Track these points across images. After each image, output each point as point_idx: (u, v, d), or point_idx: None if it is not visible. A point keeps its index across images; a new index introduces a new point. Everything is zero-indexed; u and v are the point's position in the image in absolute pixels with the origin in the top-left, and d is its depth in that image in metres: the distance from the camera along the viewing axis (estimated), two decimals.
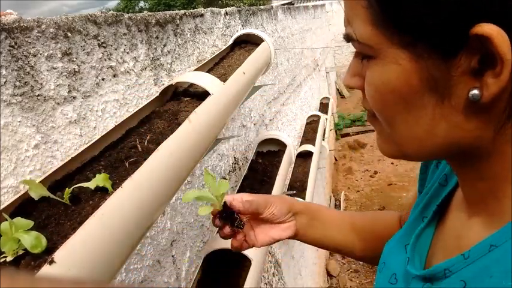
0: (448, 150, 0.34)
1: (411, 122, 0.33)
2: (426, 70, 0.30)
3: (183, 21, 1.13)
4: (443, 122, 0.32)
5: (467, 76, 0.29)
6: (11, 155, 0.57)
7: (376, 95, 0.34)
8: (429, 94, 0.31)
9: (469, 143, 0.32)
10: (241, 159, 1.58)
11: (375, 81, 0.34)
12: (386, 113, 0.35)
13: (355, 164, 5.38)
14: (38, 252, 0.44)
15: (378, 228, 0.64)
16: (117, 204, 0.52)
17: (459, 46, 0.28)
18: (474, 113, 0.30)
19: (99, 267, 0.47)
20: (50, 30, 0.64)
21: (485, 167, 0.34)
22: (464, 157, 0.35)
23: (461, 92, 0.30)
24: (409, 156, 0.37)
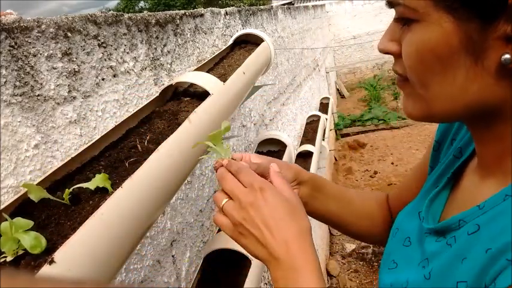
0: (475, 111, 0.37)
1: (446, 81, 0.36)
2: (466, 33, 0.33)
3: (183, 21, 1.13)
4: (475, 83, 0.35)
5: (502, 42, 0.32)
6: (11, 155, 0.57)
7: (416, 55, 0.37)
8: (465, 56, 0.34)
9: (494, 104, 0.35)
10: None
11: (417, 42, 0.36)
12: (423, 72, 0.37)
13: (355, 164, 5.38)
14: (38, 252, 0.44)
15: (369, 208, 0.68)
16: (117, 204, 0.52)
17: (499, 13, 0.31)
18: (503, 77, 0.33)
19: (99, 267, 0.47)
20: (50, 30, 0.64)
21: (503, 128, 0.37)
22: (487, 118, 0.37)
23: (495, 55, 0.33)
24: (436, 116, 0.39)
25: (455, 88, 0.36)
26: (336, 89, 7.49)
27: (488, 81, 0.34)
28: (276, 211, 0.47)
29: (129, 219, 0.53)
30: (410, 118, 0.42)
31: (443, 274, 0.38)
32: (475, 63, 0.34)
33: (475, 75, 0.34)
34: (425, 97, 0.38)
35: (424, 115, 0.40)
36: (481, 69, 0.34)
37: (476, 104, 0.36)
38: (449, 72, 0.35)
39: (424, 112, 0.40)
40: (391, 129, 5.98)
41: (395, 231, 0.55)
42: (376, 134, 6.03)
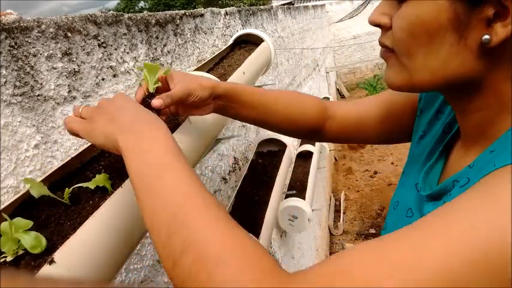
0: (454, 83, 0.41)
1: (431, 54, 0.40)
2: (455, 12, 0.37)
3: (183, 21, 1.13)
4: (457, 58, 0.39)
5: (483, 23, 0.36)
6: (11, 155, 0.57)
7: (408, 27, 0.40)
8: (451, 32, 0.38)
9: (473, 79, 0.40)
10: (241, 159, 1.58)
11: (410, 15, 0.40)
12: (412, 45, 0.41)
13: (355, 164, 5.38)
14: (38, 252, 0.44)
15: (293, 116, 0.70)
16: (117, 204, 0.52)
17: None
18: (481, 54, 0.38)
19: (99, 267, 0.47)
20: (50, 30, 0.64)
21: (482, 99, 0.41)
22: (466, 91, 0.42)
23: (477, 35, 0.37)
24: (416, 86, 0.43)
25: (438, 61, 0.40)
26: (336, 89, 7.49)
27: (469, 57, 0.38)
28: (128, 103, 0.50)
29: (129, 219, 0.53)
30: (391, 88, 0.46)
31: None
32: (459, 40, 0.38)
33: (458, 51, 0.38)
34: (409, 67, 0.42)
35: (405, 85, 0.44)
36: (463, 46, 0.38)
37: (455, 77, 0.40)
38: (434, 46, 0.39)
39: (405, 82, 0.43)
40: None
41: (396, 203, 0.58)
42: None
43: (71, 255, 0.44)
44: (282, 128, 0.72)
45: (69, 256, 0.44)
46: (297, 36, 3.12)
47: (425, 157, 0.55)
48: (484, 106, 0.42)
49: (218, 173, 1.32)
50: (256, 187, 1.46)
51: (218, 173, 1.32)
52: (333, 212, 4.23)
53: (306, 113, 0.70)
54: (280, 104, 0.69)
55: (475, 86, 0.41)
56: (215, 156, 1.30)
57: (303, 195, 1.87)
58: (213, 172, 1.27)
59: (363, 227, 4.05)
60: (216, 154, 1.31)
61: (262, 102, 0.67)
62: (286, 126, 0.71)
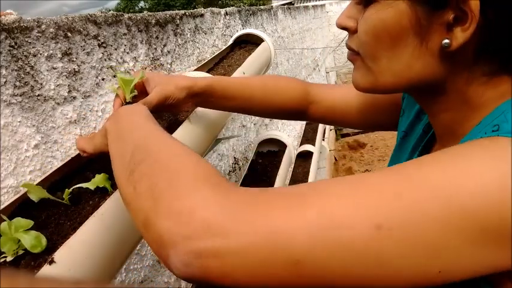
0: (418, 86, 0.42)
1: (394, 57, 0.41)
2: (416, 16, 0.38)
3: (183, 21, 1.13)
4: (419, 61, 0.40)
5: (444, 28, 0.37)
6: (11, 155, 0.57)
7: (371, 31, 0.41)
8: (413, 36, 0.39)
9: (436, 81, 0.41)
10: (241, 159, 1.58)
11: (373, 19, 0.41)
12: (375, 47, 0.42)
13: (355, 164, 5.38)
14: (38, 252, 0.44)
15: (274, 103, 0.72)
16: (117, 204, 0.52)
17: (445, 3, 0.36)
18: (443, 58, 0.39)
19: (99, 267, 0.47)
20: (50, 30, 0.64)
21: (447, 101, 0.42)
22: (431, 93, 0.43)
23: (437, 39, 0.38)
24: (380, 88, 0.44)
25: (401, 64, 0.41)
26: None
27: (431, 61, 0.39)
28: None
29: (129, 219, 0.53)
30: (357, 89, 0.47)
31: None
32: (421, 44, 0.39)
33: (420, 55, 0.39)
34: (374, 70, 0.43)
35: (370, 86, 0.45)
36: (425, 49, 0.39)
37: (418, 80, 0.41)
38: (397, 49, 0.40)
39: (370, 84, 0.45)
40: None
41: None
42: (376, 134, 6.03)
43: (71, 255, 0.44)
44: (264, 114, 0.75)
45: (69, 256, 0.44)
46: (297, 36, 3.12)
47: (407, 157, 0.56)
48: (450, 107, 0.43)
49: None
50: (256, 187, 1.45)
51: None
52: None
53: (288, 98, 0.72)
54: (260, 93, 0.70)
55: (440, 88, 0.42)
56: (215, 156, 1.30)
57: None
58: None
59: None
60: (216, 154, 1.31)
61: (242, 94, 0.68)
62: (269, 112, 0.74)
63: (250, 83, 0.70)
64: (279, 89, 0.71)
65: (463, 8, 0.35)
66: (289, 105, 0.72)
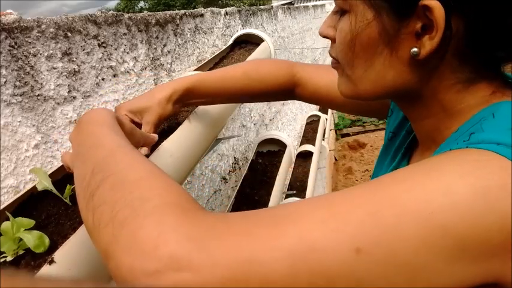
0: (395, 93, 0.43)
1: (367, 66, 0.42)
2: (384, 26, 0.39)
3: (183, 21, 1.13)
4: (392, 70, 0.41)
5: (412, 37, 0.38)
6: (11, 155, 0.57)
7: (344, 40, 0.43)
8: (383, 46, 0.40)
9: (411, 88, 0.42)
10: (241, 159, 1.58)
11: (346, 29, 0.42)
12: (349, 56, 0.43)
13: (355, 164, 5.38)
14: (41, 251, 0.44)
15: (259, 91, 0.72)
16: None
17: (410, 12, 0.37)
18: (414, 66, 0.40)
19: (99, 267, 0.47)
20: (50, 30, 0.64)
21: (426, 108, 0.43)
22: (409, 100, 0.44)
23: (406, 48, 0.39)
24: (361, 95, 0.45)
25: (375, 73, 0.42)
26: None
27: (403, 69, 0.40)
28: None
29: None
30: (342, 96, 0.49)
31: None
32: (391, 53, 0.40)
33: (391, 63, 0.40)
34: (352, 78, 0.44)
35: (352, 94, 0.46)
36: (395, 58, 0.40)
37: (393, 88, 0.42)
38: (370, 58, 0.41)
39: (351, 91, 0.46)
40: None
41: None
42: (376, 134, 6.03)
43: (71, 255, 0.44)
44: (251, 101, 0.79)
45: (69, 256, 0.44)
46: (297, 36, 3.13)
47: (390, 158, 0.57)
48: (429, 114, 0.43)
49: (218, 173, 1.32)
50: (256, 187, 1.46)
51: (218, 173, 1.32)
52: None
53: (271, 85, 0.72)
54: (243, 83, 0.70)
55: (417, 95, 0.42)
56: (215, 156, 1.30)
57: (303, 195, 1.87)
58: (213, 172, 1.27)
59: None
60: (216, 154, 1.31)
61: (224, 88, 0.69)
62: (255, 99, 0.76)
63: (232, 75, 0.70)
64: (261, 77, 0.71)
65: (430, 16, 0.36)
66: (273, 90, 0.73)
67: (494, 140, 0.31)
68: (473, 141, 0.33)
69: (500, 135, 0.32)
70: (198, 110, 0.77)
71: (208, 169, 1.23)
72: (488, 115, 0.36)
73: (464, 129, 0.38)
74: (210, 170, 1.24)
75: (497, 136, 0.32)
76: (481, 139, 0.32)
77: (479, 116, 0.38)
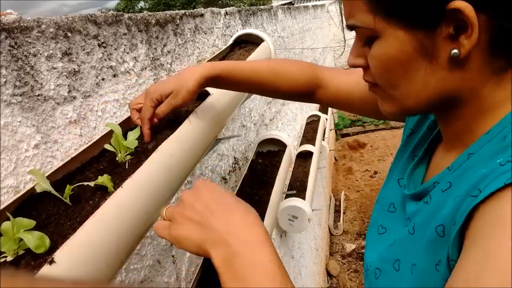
0: (438, 100, 0.44)
1: (410, 81, 0.43)
2: (417, 40, 0.40)
3: (183, 21, 1.13)
4: (433, 77, 0.42)
5: (448, 41, 0.39)
6: (11, 155, 0.57)
7: (381, 65, 0.44)
8: (421, 58, 0.41)
9: (452, 91, 0.42)
10: (241, 159, 1.58)
11: (380, 54, 0.43)
12: (390, 78, 0.44)
13: (355, 164, 5.38)
14: (42, 252, 0.44)
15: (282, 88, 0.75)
16: (117, 204, 0.52)
17: (439, 19, 0.38)
18: (455, 68, 0.40)
19: (99, 267, 0.47)
20: (50, 30, 0.64)
21: (464, 109, 0.44)
22: (448, 103, 0.44)
23: (445, 53, 0.40)
24: (408, 111, 0.46)
25: (419, 85, 0.43)
26: None
27: (443, 74, 0.41)
28: (217, 195, 0.46)
29: (129, 219, 0.53)
30: (388, 116, 0.50)
31: (424, 226, 0.43)
32: (431, 62, 0.41)
33: (432, 72, 0.41)
34: (397, 96, 0.46)
35: (399, 111, 0.47)
36: (436, 66, 0.41)
37: (437, 94, 0.43)
38: (411, 73, 0.43)
39: (398, 109, 0.47)
40: (391, 129, 5.97)
41: (380, 199, 0.61)
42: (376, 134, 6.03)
43: (71, 255, 0.44)
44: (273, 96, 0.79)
45: (70, 256, 0.44)
46: (297, 36, 3.12)
47: (409, 154, 0.58)
48: (463, 115, 0.44)
49: (218, 173, 1.32)
50: (256, 187, 1.45)
51: (218, 173, 1.32)
52: (333, 212, 4.23)
53: (295, 84, 0.74)
54: (269, 79, 0.73)
55: (455, 97, 0.43)
56: (215, 156, 1.30)
57: (303, 195, 1.87)
58: (213, 172, 1.27)
59: (363, 227, 4.05)
60: (216, 154, 1.31)
61: (250, 80, 0.72)
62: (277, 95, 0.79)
63: (260, 69, 0.73)
64: (287, 75, 0.74)
65: (460, 17, 0.37)
66: (297, 89, 0.75)
67: None
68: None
69: None
70: (198, 110, 0.78)
71: (208, 169, 1.23)
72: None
73: (495, 131, 0.40)
74: (210, 170, 1.24)
75: None
76: None
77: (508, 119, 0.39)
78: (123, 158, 0.62)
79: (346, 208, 4.43)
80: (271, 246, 0.40)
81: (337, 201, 4.51)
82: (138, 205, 0.55)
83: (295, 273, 2.14)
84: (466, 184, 0.38)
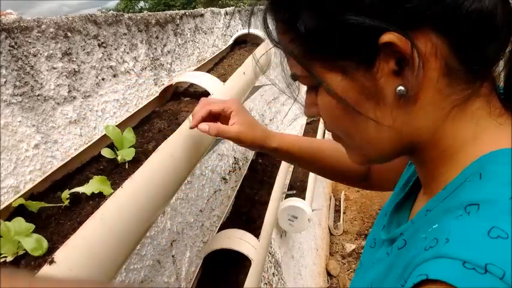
0: (402, 145, 0.39)
1: (361, 129, 0.39)
2: (357, 83, 0.36)
3: (183, 21, 1.13)
4: (385, 121, 0.37)
5: (392, 77, 0.34)
6: (11, 155, 0.57)
7: (327, 115, 0.40)
8: (367, 102, 0.36)
9: (411, 134, 0.37)
10: (241, 159, 1.58)
11: (324, 104, 0.39)
12: (341, 127, 0.41)
13: None
14: (39, 255, 0.44)
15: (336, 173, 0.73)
16: (117, 204, 0.52)
17: (374, 56, 0.34)
18: (407, 107, 0.35)
19: (99, 267, 0.47)
20: (50, 30, 0.64)
21: (425, 153, 0.39)
22: (413, 147, 0.39)
23: (390, 91, 0.35)
24: (373, 159, 0.42)
25: (371, 132, 0.38)
26: None
27: (396, 116, 0.36)
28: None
29: (129, 219, 0.53)
30: (356, 165, 0.47)
31: (384, 276, 0.40)
32: (378, 105, 0.36)
33: (383, 115, 0.36)
34: (353, 146, 0.42)
35: (364, 161, 0.43)
36: (384, 108, 0.36)
37: (397, 140, 0.38)
38: (360, 120, 0.38)
39: (362, 158, 0.43)
40: None
41: (371, 231, 0.57)
42: None
43: (71, 255, 0.44)
44: (328, 177, 0.77)
45: (69, 256, 0.44)
46: None
47: (402, 185, 0.53)
48: (428, 160, 0.39)
49: (218, 173, 1.32)
50: (256, 187, 1.45)
51: (218, 173, 1.32)
52: (333, 212, 4.23)
53: (347, 171, 0.72)
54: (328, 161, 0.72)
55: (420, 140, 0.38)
56: (215, 156, 1.30)
57: (303, 195, 1.87)
58: (213, 172, 1.27)
59: (363, 227, 4.05)
60: (216, 154, 1.31)
61: (309, 159, 0.71)
62: (332, 178, 0.76)
63: (320, 148, 0.71)
64: (339, 166, 0.72)
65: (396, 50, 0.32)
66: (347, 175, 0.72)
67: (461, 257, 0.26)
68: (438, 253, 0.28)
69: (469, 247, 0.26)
70: None
71: (208, 169, 1.23)
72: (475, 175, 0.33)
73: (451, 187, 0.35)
74: (210, 170, 1.24)
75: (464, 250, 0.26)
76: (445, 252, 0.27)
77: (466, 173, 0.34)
78: (122, 159, 0.62)
79: (346, 208, 4.43)
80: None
81: (337, 201, 4.51)
82: (138, 205, 0.55)
83: (295, 273, 2.14)
84: (408, 256, 0.34)
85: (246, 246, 1.06)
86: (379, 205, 4.34)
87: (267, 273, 1.54)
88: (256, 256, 1.04)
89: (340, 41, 0.35)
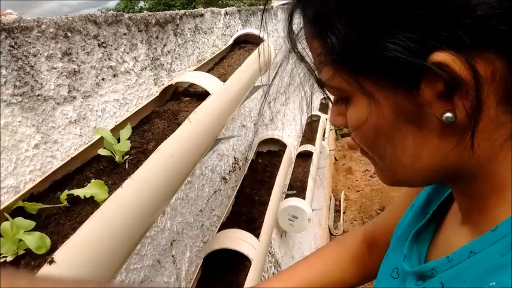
0: (441, 173, 0.35)
1: (397, 152, 0.35)
2: (396, 105, 0.32)
3: (183, 21, 1.13)
4: (426, 148, 0.33)
5: (438, 101, 0.30)
6: (11, 155, 0.57)
7: (358, 134, 0.36)
8: (406, 125, 0.32)
9: (455, 163, 0.33)
10: (241, 159, 1.58)
11: (354, 122, 0.35)
12: (372, 148, 0.37)
13: (355, 164, 5.38)
14: (43, 252, 0.44)
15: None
16: (117, 204, 0.52)
17: (420, 76, 0.29)
18: (454, 135, 0.31)
19: (99, 267, 0.47)
20: (50, 30, 0.64)
21: (471, 185, 0.35)
22: (454, 176, 0.35)
23: (435, 116, 0.30)
24: (404, 182, 0.38)
25: (407, 156, 0.34)
26: None
27: (439, 142, 0.32)
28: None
29: (129, 218, 0.53)
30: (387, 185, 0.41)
31: None
32: (420, 129, 0.32)
33: (424, 140, 0.32)
34: (386, 167, 0.38)
35: (393, 182, 0.39)
36: (427, 133, 0.32)
37: (435, 167, 0.34)
38: (396, 142, 0.34)
39: (391, 179, 0.39)
40: None
41: (386, 256, 0.51)
42: None
43: (71, 255, 0.44)
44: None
45: (70, 256, 0.44)
46: None
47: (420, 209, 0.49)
48: (474, 192, 0.35)
49: (218, 173, 1.32)
50: (256, 187, 1.46)
51: (218, 173, 1.32)
52: (333, 212, 4.23)
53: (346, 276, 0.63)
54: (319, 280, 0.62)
55: (464, 170, 0.34)
56: (215, 156, 1.30)
57: (303, 195, 1.87)
58: (213, 172, 1.27)
59: None
60: (216, 154, 1.31)
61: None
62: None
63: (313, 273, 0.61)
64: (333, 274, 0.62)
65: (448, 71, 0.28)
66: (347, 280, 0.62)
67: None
68: None
69: None
70: (198, 110, 0.78)
71: (208, 169, 1.23)
72: None
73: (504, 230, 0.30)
74: (210, 170, 1.24)
75: None
76: None
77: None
78: (121, 159, 0.62)
79: (346, 208, 4.43)
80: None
81: (337, 201, 4.51)
82: (138, 205, 0.55)
83: None
84: None
85: (246, 246, 1.06)
86: (379, 205, 4.34)
87: (267, 273, 1.54)
88: (256, 256, 1.04)
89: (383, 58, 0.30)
